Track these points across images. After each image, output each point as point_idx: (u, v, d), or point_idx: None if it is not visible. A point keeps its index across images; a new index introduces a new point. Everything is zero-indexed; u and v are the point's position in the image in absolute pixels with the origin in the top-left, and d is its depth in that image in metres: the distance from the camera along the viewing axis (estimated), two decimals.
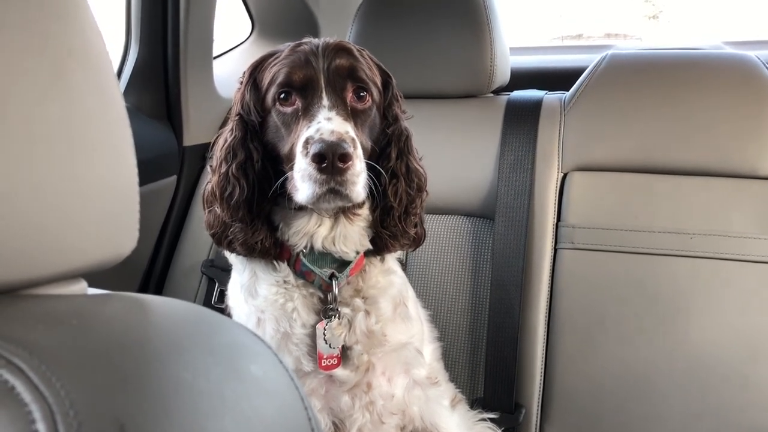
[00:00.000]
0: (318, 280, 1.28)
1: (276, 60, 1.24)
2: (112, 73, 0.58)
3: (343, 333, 1.28)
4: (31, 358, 0.42)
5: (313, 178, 1.10)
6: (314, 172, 1.09)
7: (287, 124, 1.20)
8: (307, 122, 1.15)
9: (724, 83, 1.79)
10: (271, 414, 0.50)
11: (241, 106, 1.26)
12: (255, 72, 1.28)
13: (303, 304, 1.28)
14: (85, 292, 0.59)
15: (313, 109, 1.17)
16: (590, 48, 2.89)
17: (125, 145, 0.58)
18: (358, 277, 1.32)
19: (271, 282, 1.29)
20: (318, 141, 1.09)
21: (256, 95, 1.25)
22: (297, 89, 1.19)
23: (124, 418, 0.41)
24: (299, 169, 1.11)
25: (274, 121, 1.22)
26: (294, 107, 1.20)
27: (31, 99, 0.49)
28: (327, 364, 1.27)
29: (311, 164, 1.09)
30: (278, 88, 1.20)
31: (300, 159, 1.11)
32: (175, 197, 2.19)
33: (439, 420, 1.46)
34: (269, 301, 1.28)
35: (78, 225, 0.53)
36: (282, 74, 1.20)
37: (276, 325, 1.28)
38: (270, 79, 1.22)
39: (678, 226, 1.71)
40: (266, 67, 1.25)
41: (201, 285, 2.06)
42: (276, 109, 1.21)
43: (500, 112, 1.96)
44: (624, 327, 1.70)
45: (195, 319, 0.55)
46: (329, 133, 1.10)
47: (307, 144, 1.11)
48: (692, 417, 1.62)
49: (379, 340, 1.32)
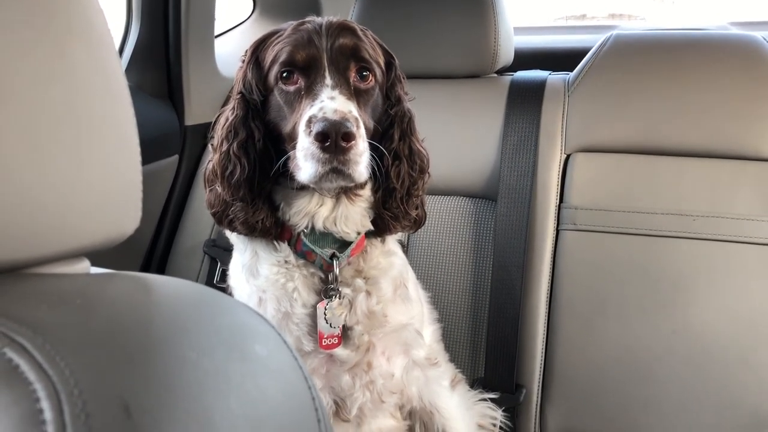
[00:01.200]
0: (319, 260, 1.28)
1: (279, 39, 1.23)
2: (115, 51, 0.58)
3: (343, 313, 1.28)
4: (35, 337, 0.42)
5: (316, 157, 1.09)
6: (317, 151, 1.08)
7: (290, 103, 1.19)
8: (310, 101, 1.14)
9: (729, 64, 1.77)
10: (276, 393, 0.50)
11: (243, 85, 1.25)
12: (257, 50, 1.27)
13: (304, 284, 1.29)
14: (88, 272, 0.59)
15: (315, 88, 1.16)
16: (595, 28, 2.86)
17: (128, 124, 0.58)
18: (359, 257, 1.32)
19: (272, 262, 1.29)
20: (321, 120, 1.08)
21: (259, 74, 1.24)
22: (300, 68, 1.18)
23: (128, 397, 0.41)
24: (302, 147, 1.11)
25: (277, 100, 1.22)
26: (296, 86, 1.19)
27: (33, 78, 0.49)
28: (327, 343, 1.28)
29: (314, 143, 1.08)
30: (281, 67, 1.19)
31: (303, 138, 1.11)
32: (176, 177, 2.19)
33: (438, 400, 1.47)
34: (270, 280, 1.28)
35: (81, 204, 0.53)
36: (285, 53, 1.19)
37: (277, 305, 1.28)
38: (272, 57, 1.22)
39: (680, 208, 1.71)
40: (269, 46, 1.24)
41: (203, 265, 2.06)
42: (278, 88, 1.21)
43: (504, 92, 1.95)
44: (625, 308, 1.70)
45: (199, 298, 0.55)
46: (332, 112, 1.09)
47: (310, 123, 1.10)
48: (692, 399, 1.63)
49: (379, 320, 1.32)
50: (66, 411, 0.39)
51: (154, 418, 0.41)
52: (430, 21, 1.96)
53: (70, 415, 0.38)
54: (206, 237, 2.09)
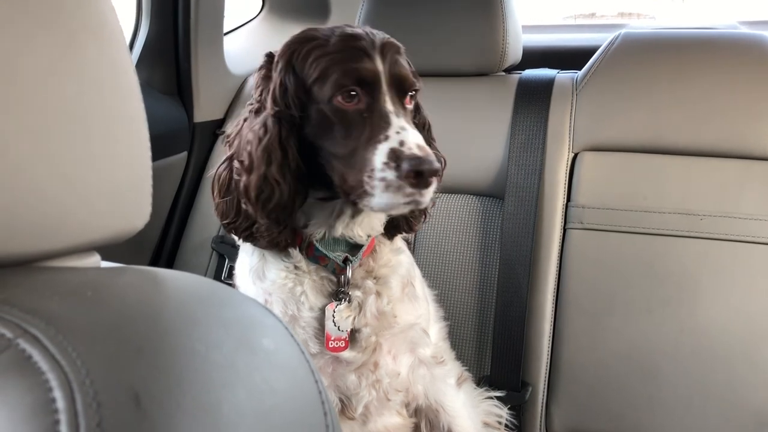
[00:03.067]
0: (332, 264, 1.28)
1: (323, 49, 1.16)
2: (126, 48, 0.59)
3: (351, 316, 1.28)
4: (47, 328, 0.43)
5: (401, 191, 1.08)
6: (403, 184, 1.07)
7: (347, 123, 1.14)
8: (379, 128, 1.11)
9: (738, 64, 1.77)
10: (283, 386, 0.51)
11: (277, 97, 1.17)
12: (293, 59, 1.19)
13: (312, 287, 1.28)
14: (98, 265, 0.59)
15: (378, 112, 1.13)
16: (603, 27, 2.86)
17: (138, 119, 0.58)
18: (368, 257, 1.32)
19: (280, 267, 1.28)
20: (412, 157, 1.07)
21: (297, 86, 1.17)
22: (362, 88, 1.14)
23: (138, 387, 0.42)
24: (381, 178, 1.08)
25: (325, 118, 1.16)
26: (357, 107, 1.14)
27: (45, 74, 0.50)
28: (334, 345, 1.28)
29: (405, 179, 1.07)
30: (339, 84, 1.13)
31: (384, 170, 1.08)
32: (185, 173, 2.20)
33: (444, 398, 1.47)
34: (277, 284, 1.28)
35: (92, 199, 0.54)
36: (341, 68, 1.13)
37: (284, 308, 1.28)
38: (322, 70, 1.15)
39: (688, 207, 1.71)
40: (309, 56, 1.17)
41: (211, 260, 2.07)
42: (331, 106, 1.14)
43: (512, 90, 1.95)
44: (631, 307, 1.70)
45: (207, 292, 0.55)
46: (417, 148, 1.08)
47: (394, 156, 1.08)
48: (698, 397, 1.63)
49: (389, 321, 1.32)
50: (78, 400, 0.39)
51: (164, 408, 0.41)
52: (438, 19, 1.97)
53: (82, 404, 0.39)
54: (214, 233, 2.10)
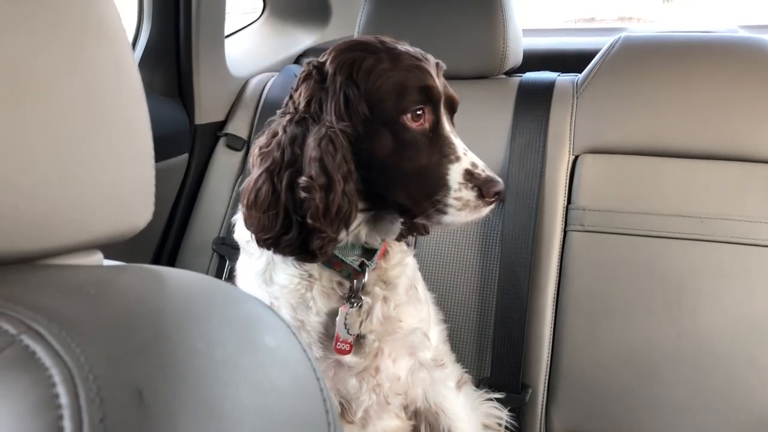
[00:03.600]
0: (347, 269, 1.27)
1: (387, 65, 1.17)
2: (129, 48, 0.59)
3: (359, 321, 1.28)
4: (50, 325, 0.43)
5: (477, 209, 1.17)
6: (481, 204, 1.16)
7: (413, 142, 1.16)
8: (447, 149, 1.18)
9: (738, 67, 1.77)
10: (285, 383, 0.51)
11: (342, 111, 1.16)
12: (353, 73, 1.17)
13: (320, 293, 1.28)
14: (101, 264, 0.60)
15: (441, 132, 1.19)
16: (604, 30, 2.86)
17: (141, 119, 0.59)
18: (380, 260, 1.33)
19: (291, 272, 1.27)
20: (489, 179, 1.16)
21: (359, 100, 1.16)
22: (429, 106, 1.18)
23: (141, 384, 0.42)
24: (457, 197, 1.15)
25: (391, 135, 1.16)
26: (422, 126, 1.17)
27: (48, 74, 0.50)
28: (341, 347, 1.28)
29: (484, 199, 1.16)
30: (410, 104, 1.15)
31: (459, 189, 1.15)
32: (186, 175, 2.20)
33: (444, 401, 1.48)
34: (288, 289, 1.27)
35: (95, 197, 0.54)
36: (414, 88, 1.16)
37: (293, 313, 1.27)
38: (391, 88, 1.16)
39: (689, 209, 1.71)
40: (373, 71, 1.16)
41: (212, 262, 2.08)
42: (399, 124, 1.16)
43: (512, 93, 1.96)
44: (632, 310, 1.70)
45: (210, 290, 0.56)
46: (489, 169, 1.18)
47: (470, 176, 1.16)
48: (698, 400, 1.63)
49: (393, 326, 1.33)
50: (81, 395, 0.40)
51: (166, 405, 0.42)
52: (439, 22, 1.97)
53: (85, 400, 0.39)
54: (215, 235, 2.10)
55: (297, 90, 1.22)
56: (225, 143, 2.23)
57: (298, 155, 1.16)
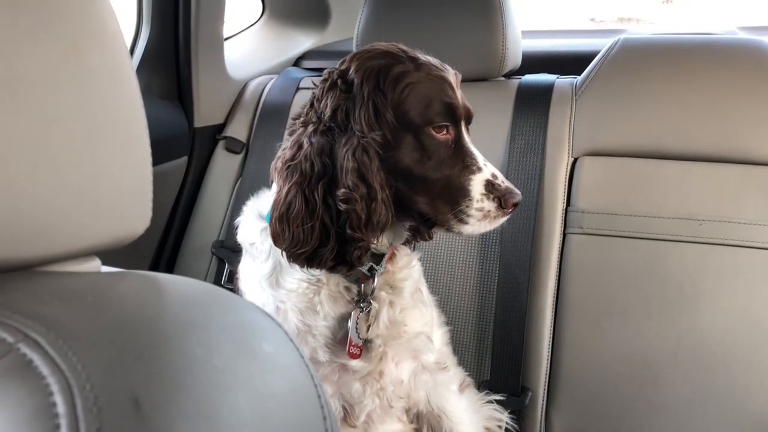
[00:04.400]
0: (356, 273, 1.27)
1: (414, 77, 1.18)
2: (127, 53, 0.59)
3: (366, 325, 1.28)
4: (48, 333, 0.43)
5: (496, 219, 1.20)
6: (500, 214, 1.20)
7: (437, 153, 1.18)
8: (468, 160, 1.21)
9: (737, 69, 1.77)
10: (283, 390, 0.51)
11: (372, 120, 1.16)
12: (381, 83, 1.17)
13: (328, 297, 1.28)
14: (99, 270, 0.59)
15: (461, 143, 1.22)
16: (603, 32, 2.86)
17: (138, 124, 0.59)
18: (388, 263, 1.33)
19: (299, 277, 1.27)
20: (509, 191, 1.19)
21: (386, 110, 1.16)
22: (452, 122, 1.21)
23: (138, 391, 0.42)
24: (479, 208, 1.18)
25: (417, 145, 1.18)
26: (446, 137, 1.20)
27: (46, 78, 0.50)
28: (354, 351, 1.28)
29: (503, 210, 1.19)
30: (437, 116, 1.18)
31: (482, 200, 1.19)
32: (185, 178, 2.20)
33: (446, 404, 1.47)
34: (295, 293, 1.27)
35: (92, 203, 0.54)
36: (441, 101, 1.19)
37: (301, 317, 1.27)
38: (419, 99, 1.17)
39: (688, 212, 1.71)
40: (401, 82, 1.17)
41: (211, 265, 2.07)
42: (426, 134, 1.18)
43: (511, 95, 1.96)
44: (631, 312, 1.70)
45: (208, 297, 0.55)
46: (506, 180, 1.21)
47: (491, 187, 1.19)
48: (697, 402, 1.63)
49: (398, 331, 1.33)
50: (78, 404, 0.39)
51: (164, 412, 0.42)
52: (438, 23, 1.97)
53: (83, 409, 0.39)
54: (214, 238, 2.10)
55: (321, 100, 1.21)
56: (224, 146, 2.22)
57: (328, 165, 1.16)
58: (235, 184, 2.16)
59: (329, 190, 1.15)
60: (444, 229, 1.22)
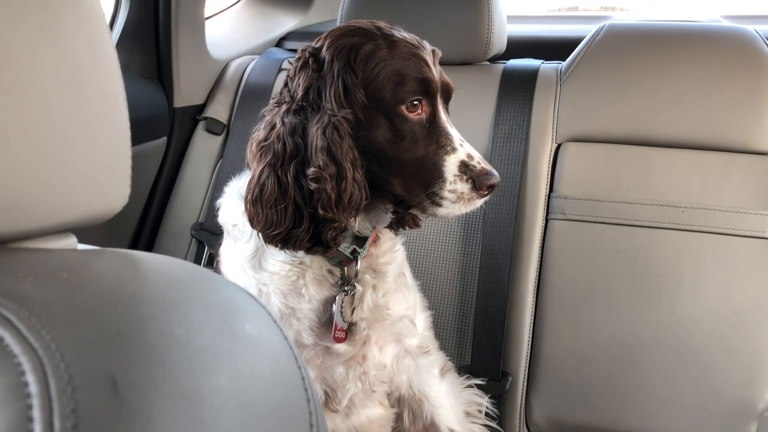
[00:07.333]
0: (339, 256, 1.26)
1: (386, 54, 1.15)
2: (105, 23, 0.56)
3: (351, 309, 1.28)
4: (20, 310, 0.41)
5: (471, 202, 1.17)
6: (475, 196, 1.16)
7: (410, 132, 1.16)
8: (443, 139, 1.17)
9: (721, 57, 1.78)
10: (266, 371, 0.49)
11: (341, 99, 1.14)
12: (351, 60, 1.15)
13: (313, 280, 1.27)
14: (75, 248, 0.57)
15: (437, 122, 1.18)
16: (588, 18, 2.86)
17: (117, 97, 0.56)
18: (371, 247, 1.32)
19: (281, 259, 1.25)
20: (485, 172, 1.16)
21: (357, 88, 1.14)
22: (426, 98, 1.17)
23: (116, 372, 0.40)
24: (452, 190, 1.15)
25: (388, 124, 1.16)
26: (419, 117, 1.17)
27: (21, 46, 0.48)
28: (339, 335, 1.27)
29: (478, 192, 1.16)
30: (410, 93, 1.15)
31: (455, 182, 1.16)
32: (165, 159, 2.17)
33: (428, 388, 1.48)
34: (277, 276, 1.25)
35: (68, 176, 0.52)
36: (413, 78, 1.15)
37: (284, 300, 1.25)
38: (389, 77, 1.14)
39: (669, 199, 1.72)
40: (371, 59, 1.15)
41: (190, 248, 2.05)
42: (397, 113, 1.15)
43: (496, 80, 1.95)
44: (612, 299, 1.71)
45: (188, 275, 0.54)
46: (484, 161, 1.17)
47: (465, 168, 1.15)
48: (676, 388, 1.64)
49: (382, 314, 1.32)
50: (52, 384, 0.38)
51: (142, 394, 0.40)
52: (423, 6, 1.95)
53: (56, 389, 0.38)
54: (193, 220, 2.07)
55: (294, 79, 1.19)
56: (204, 127, 2.19)
57: (300, 146, 1.14)
58: (215, 166, 2.13)
59: (301, 170, 1.13)
60: (419, 211, 1.20)
